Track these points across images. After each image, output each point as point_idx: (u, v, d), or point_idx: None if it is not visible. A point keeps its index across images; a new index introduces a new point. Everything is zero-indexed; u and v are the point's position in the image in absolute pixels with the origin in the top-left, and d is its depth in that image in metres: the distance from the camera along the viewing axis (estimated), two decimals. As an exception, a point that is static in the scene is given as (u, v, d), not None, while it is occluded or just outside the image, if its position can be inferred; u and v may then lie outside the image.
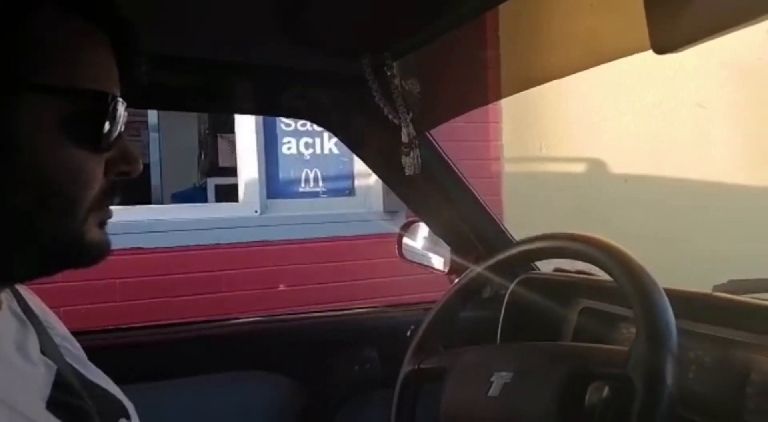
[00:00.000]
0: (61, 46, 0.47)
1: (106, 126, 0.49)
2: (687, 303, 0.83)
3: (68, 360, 0.60)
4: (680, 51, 0.51)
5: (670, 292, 0.68)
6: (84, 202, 0.49)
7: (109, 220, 0.53)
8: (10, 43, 0.44)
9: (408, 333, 1.18)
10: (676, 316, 0.65)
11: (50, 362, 0.54)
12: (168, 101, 1.20)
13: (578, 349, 0.72)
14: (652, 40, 0.52)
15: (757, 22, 0.44)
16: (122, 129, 0.51)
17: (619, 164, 2.74)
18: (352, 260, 2.64)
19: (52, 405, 0.50)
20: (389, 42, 0.90)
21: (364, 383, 1.20)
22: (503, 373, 0.74)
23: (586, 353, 0.69)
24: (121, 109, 0.50)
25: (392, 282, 2.42)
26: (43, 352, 0.54)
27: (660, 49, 0.51)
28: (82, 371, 0.61)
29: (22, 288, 0.61)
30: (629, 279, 0.67)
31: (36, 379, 0.51)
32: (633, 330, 1.00)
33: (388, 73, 0.95)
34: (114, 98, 0.50)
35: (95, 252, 0.51)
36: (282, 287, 2.52)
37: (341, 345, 1.21)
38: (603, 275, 0.92)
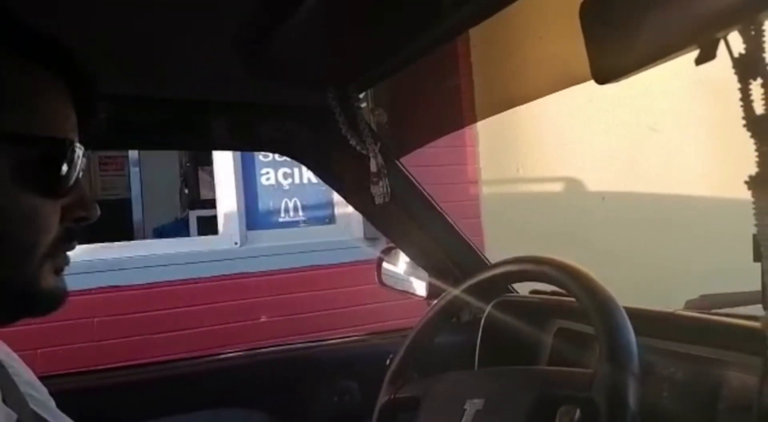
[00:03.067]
0: (18, 93, 0.47)
1: (63, 172, 0.49)
2: (653, 322, 0.84)
3: (33, 407, 0.59)
4: (619, 81, 0.52)
5: (634, 312, 0.69)
6: (39, 249, 0.48)
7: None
8: None
9: (387, 362, 1.17)
10: (646, 335, 0.65)
11: (11, 411, 0.53)
12: (139, 140, 1.21)
13: (546, 373, 0.72)
14: (592, 70, 0.53)
15: (687, 53, 0.46)
16: (80, 175, 0.51)
17: (595, 182, 2.78)
18: (334, 288, 2.63)
19: None
20: (353, 74, 0.92)
21: (343, 414, 1.19)
22: (475, 400, 0.73)
23: (553, 376, 0.69)
24: (79, 154, 0.50)
25: (375, 309, 2.41)
26: (5, 401, 0.53)
27: (601, 80, 0.53)
28: (48, 418, 0.60)
29: None
30: (590, 300, 0.68)
31: None
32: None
33: (354, 105, 0.96)
34: (71, 144, 0.50)
35: (51, 300, 0.51)
36: (264, 319, 2.50)
37: (320, 376, 1.19)
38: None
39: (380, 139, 1.03)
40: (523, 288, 1.19)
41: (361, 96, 1.02)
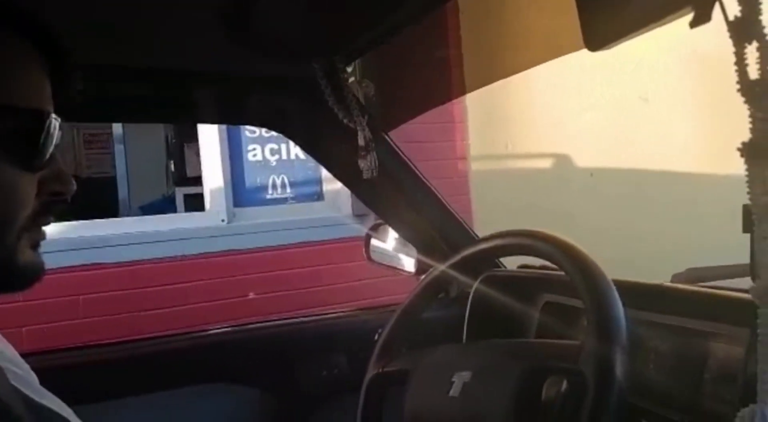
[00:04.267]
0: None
1: (40, 144, 0.48)
2: (642, 294, 0.84)
3: (14, 382, 0.58)
4: (611, 47, 0.51)
5: (622, 284, 0.69)
6: (16, 223, 0.47)
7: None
8: None
9: (376, 336, 1.17)
10: (633, 307, 0.65)
11: None
12: (120, 113, 1.18)
13: (534, 345, 0.72)
14: (585, 37, 0.52)
15: (681, 17, 0.44)
16: (56, 148, 0.50)
17: (584, 159, 2.78)
18: (322, 265, 2.63)
19: None
20: (339, 45, 0.90)
21: (333, 388, 1.19)
22: (463, 373, 0.74)
23: (541, 349, 0.70)
24: (56, 126, 0.49)
25: (365, 286, 2.41)
26: None
27: (593, 46, 0.52)
28: (30, 394, 0.59)
29: None
30: (579, 273, 0.68)
31: None
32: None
33: (341, 77, 0.95)
34: (48, 115, 0.49)
35: (28, 275, 0.50)
36: (252, 296, 2.50)
37: (309, 351, 1.20)
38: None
39: (368, 112, 1.01)
40: (511, 263, 1.19)
41: (349, 69, 1.01)
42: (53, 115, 0.49)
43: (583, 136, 2.78)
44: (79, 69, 0.55)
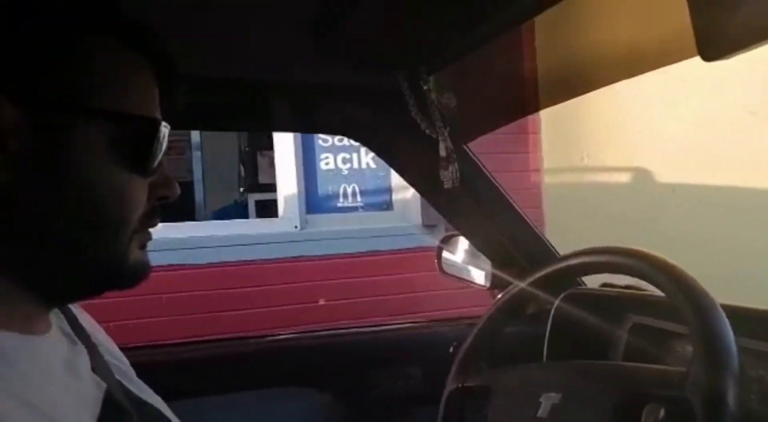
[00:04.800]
0: (112, 72, 0.48)
1: (153, 150, 0.50)
2: (746, 319, 0.79)
3: (118, 377, 0.60)
4: (729, 58, 0.48)
5: (728, 309, 0.64)
6: (129, 225, 0.50)
7: (153, 239, 0.54)
8: (68, 67, 0.46)
9: (450, 350, 1.15)
10: (738, 334, 0.61)
11: (100, 380, 0.54)
12: (206, 122, 1.23)
13: (631, 369, 0.68)
14: (699, 46, 0.49)
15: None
16: (164, 154, 0.53)
17: (667, 173, 2.63)
18: (390, 274, 2.63)
19: None
20: (424, 56, 0.90)
21: (406, 400, 1.18)
22: (552, 394, 0.71)
23: (639, 373, 0.66)
24: (165, 133, 0.52)
25: (432, 297, 2.39)
26: (93, 370, 0.55)
27: (708, 56, 0.49)
28: (131, 388, 0.61)
29: (72, 305, 0.62)
30: (684, 297, 0.64)
31: (86, 398, 0.51)
32: (688, 348, 0.96)
33: (425, 88, 0.94)
34: (160, 123, 0.51)
35: (137, 274, 0.52)
36: (321, 302, 2.53)
37: (383, 361, 1.19)
38: (654, 289, 0.88)
39: (449, 123, 1.01)
40: (591, 282, 1.14)
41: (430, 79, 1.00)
42: (164, 123, 0.52)
43: (666, 149, 2.63)
44: (183, 79, 0.57)
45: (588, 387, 0.68)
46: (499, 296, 0.96)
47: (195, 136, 4.10)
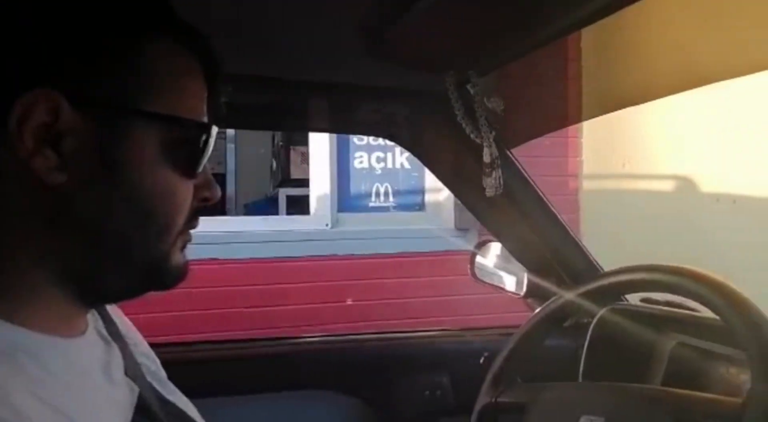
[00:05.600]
0: (167, 75, 0.48)
1: (201, 153, 0.50)
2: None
3: (148, 378, 0.60)
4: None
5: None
6: (176, 226, 0.50)
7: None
8: (125, 69, 0.46)
9: (481, 360, 1.13)
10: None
11: (133, 384, 0.54)
12: (248, 121, 1.23)
13: (680, 396, 0.65)
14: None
15: None
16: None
17: (711, 183, 2.53)
18: (420, 277, 2.61)
19: None
20: (475, 59, 0.87)
21: (434, 409, 1.16)
22: (593, 417, 0.68)
23: (690, 401, 0.63)
24: (213, 136, 0.51)
25: (461, 302, 2.36)
26: (125, 373, 0.55)
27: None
28: (160, 390, 0.61)
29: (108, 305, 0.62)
30: (741, 320, 0.60)
31: (119, 402, 0.51)
32: (732, 370, 0.92)
33: (472, 91, 0.92)
34: (209, 127, 0.51)
35: (177, 275, 0.52)
36: (349, 302, 2.52)
37: (412, 368, 1.18)
38: (699, 308, 0.85)
39: (495, 128, 0.98)
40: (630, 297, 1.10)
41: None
42: (213, 126, 0.51)
43: (713, 157, 2.53)
44: (230, 80, 0.56)
45: (633, 411, 0.65)
46: (542, 307, 0.94)
47: (231, 129, 4.13)
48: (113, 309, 0.63)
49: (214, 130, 0.51)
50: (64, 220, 0.45)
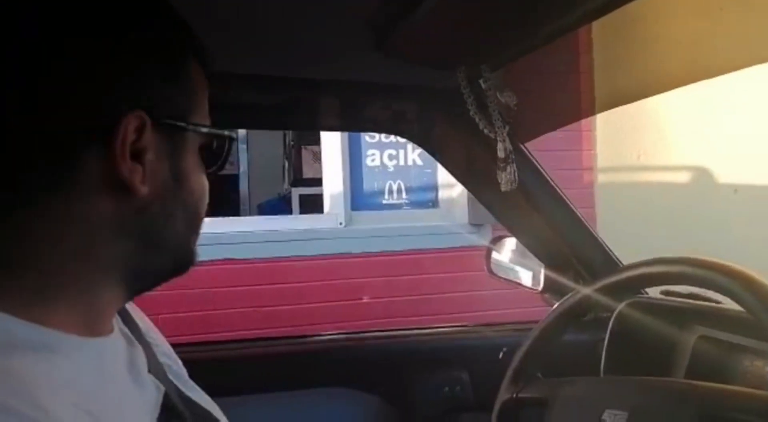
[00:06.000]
0: (201, 92, 0.54)
1: (224, 156, 0.56)
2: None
3: (171, 377, 0.60)
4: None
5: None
6: (202, 220, 0.56)
7: (203, 233, 0.59)
8: (184, 90, 0.52)
9: (500, 355, 1.13)
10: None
11: (159, 383, 0.55)
12: (258, 121, 1.23)
13: (707, 389, 0.64)
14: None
15: None
16: None
17: (728, 174, 2.49)
18: (435, 273, 2.60)
19: None
20: (487, 54, 0.86)
21: (454, 405, 1.16)
22: (616, 412, 0.67)
23: (717, 395, 0.61)
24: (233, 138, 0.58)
25: (477, 297, 2.35)
26: (149, 371, 0.55)
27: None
28: (183, 389, 0.61)
29: (127, 304, 0.62)
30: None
31: (146, 401, 0.52)
32: (758, 362, 0.90)
33: (484, 86, 0.91)
34: (234, 138, 0.58)
35: (194, 260, 0.57)
36: (365, 299, 2.52)
37: (430, 364, 1.17)
38: (722, 300, 0.83)
39: (509, 123, 0.97)
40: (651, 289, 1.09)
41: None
42: (234, 133, 0.58)
43: (727, 148, 2.49)
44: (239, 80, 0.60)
45: (658, 406, 0.64)
46: (561, 301, 0.93)
47: (241, 130, 4.15)
48: (134, 310, 0.64)
49: (232, 135, 0.57)
50: (139, 226, 0.49)
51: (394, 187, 2.79)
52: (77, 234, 0.46)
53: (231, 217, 2.58)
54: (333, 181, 2.68)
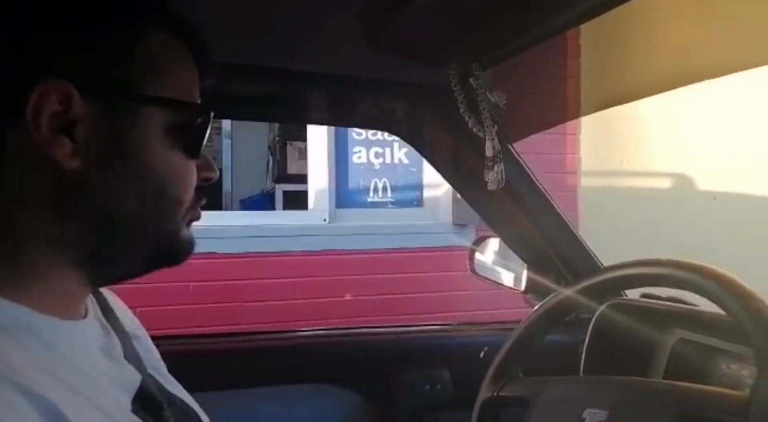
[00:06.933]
0: (165, 63, 0.51)
1: (202, 134, 0.53)
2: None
3: (149, 370, 0.60)
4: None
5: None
6: (184, 204, 0.53)
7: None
8: (127, 57, 0.48)
9: (481, 354, 1.13)
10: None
11: (136, 372, 0.55)
12: (247, 111, 1.21)
13: (686, 390, 0.65)
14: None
15: None
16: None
17: (708, 181, 2.54)
18: (418, 272, 2.60)
19: (136, 412, 0.50)
20: (478, 52, 0.87)
21: (435, 403, 1.16)
22: (596, 410, 0.68)
23: (696, 395, 0.62)
24: (211, 118, 0.54)
25: (460, 297, 2.36)
26: (126, 359, 0.55)
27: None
28: (162, 381, 0.61)
29: (106, 293, 0.62)
30: (749, 316, 0.60)
31: (122, 381, 0.52)
32: (734, 365, 0.92)
33: (475, 85, 0.91)
34: (207, 108, 0.54)
35: (186, 250, 0.55)
36: (348, 297, 2.52)
37: (412, 362, 1.17)
38: (702, 302, 0.84)
39: (497, 122, 0.97)
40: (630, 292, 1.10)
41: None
42: (210, 108, 0.54)
43: (708, 156, 2.53)
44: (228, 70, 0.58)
45: (637, 405, 0.65)
46: (542, 302, 0.93)
47: (225, 123, 4.12)
48: (116, 300, 0.64)
49: (211, 112, 0.54)
50: (80, 204, 0.47)
51: (380, 185, 2.79)
52: (23, 215, 0.46)
53: (214, 211, 2.55)
54: (318, 178, 2.67)
